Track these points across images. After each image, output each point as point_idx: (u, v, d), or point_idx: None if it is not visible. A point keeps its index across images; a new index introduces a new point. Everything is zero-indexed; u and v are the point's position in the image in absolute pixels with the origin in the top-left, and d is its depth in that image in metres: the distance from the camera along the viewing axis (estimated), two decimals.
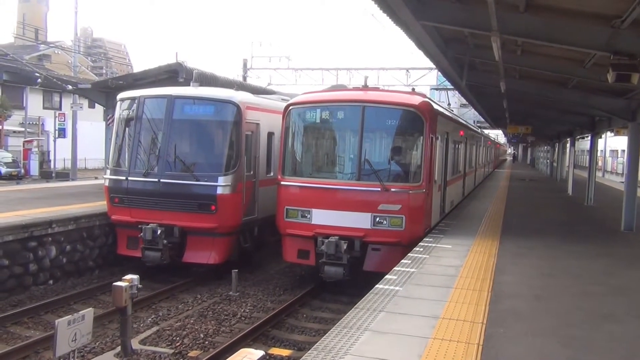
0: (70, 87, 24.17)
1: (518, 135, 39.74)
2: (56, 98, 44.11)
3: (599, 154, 43.84)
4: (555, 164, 37.62)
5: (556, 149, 36.71)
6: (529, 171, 50.96)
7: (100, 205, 13.48)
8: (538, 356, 5.37)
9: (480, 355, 5.27)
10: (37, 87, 33.38)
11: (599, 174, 40.65)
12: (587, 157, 26.43)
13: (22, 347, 8.39)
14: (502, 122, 32.26)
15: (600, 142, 44.15)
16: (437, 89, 41.06)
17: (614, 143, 46.22)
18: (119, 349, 8.39)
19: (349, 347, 5.34)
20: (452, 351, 5.33)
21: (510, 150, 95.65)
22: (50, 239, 11.57)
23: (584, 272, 9.13)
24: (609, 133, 36.89)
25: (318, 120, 11.67)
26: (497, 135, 64.36)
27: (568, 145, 30.43)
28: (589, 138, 22.23)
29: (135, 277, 8.25)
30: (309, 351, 5.28)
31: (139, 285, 8.34)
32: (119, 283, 8.12)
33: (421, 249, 10.07)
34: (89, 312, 7.30)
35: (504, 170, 51.73)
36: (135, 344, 8.60)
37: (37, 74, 29.85)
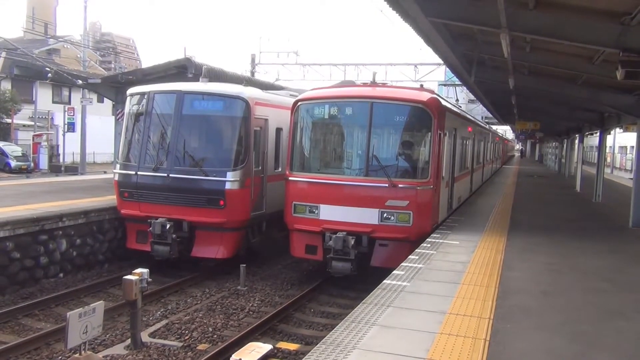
0: (80, 81, 24.27)
1: (526, 131, 39.57)
2: (65, 92, 44.37)
3: (607, 150, 43.62)
4: (563, 161, 37.46)
5: (565, 145, 36.55)
6: (537, 167, 50.75)
7: (109, 199, 13.59)
8: (545, 351, 5.40)
9: (487, 350, 5.32)
10: (47, 81, 33.55)
11: (607, 170, 40.45)
12: (596, 153, 26.30)
13: (33, 338, 8.51)
14: (511, 118, 32.16)
15: (609, 139, 43.88)
16: (445, 85, 40.86)
17: (622, 139, 45.96)
18: (129, 341, 8.51)
19: (357, 341, 5.40)
20: (459, 346, 5.38)
21: (518, 146, 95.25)
22: (60, 232, 11.69)
23: (592, 269, 9.14)
24: (618, 129, 36.66)
25: (326, 116, 11.70)
26: (505, 131, 64.16)
27: (576, 141, 30.30)
28: (598, 134, 22.14)
29: (145, 270, 8.35)
30: (317, 345, 5.33)
31: (149, 279, 8.44)
32: (129, 276, 8.22)
33: (429, 245, 10.11)
34: (99, 305, 7.38)
35: (512, 166, 51.56)
36: (144, 336, 8.71)
37: (47, 69, 29.99)
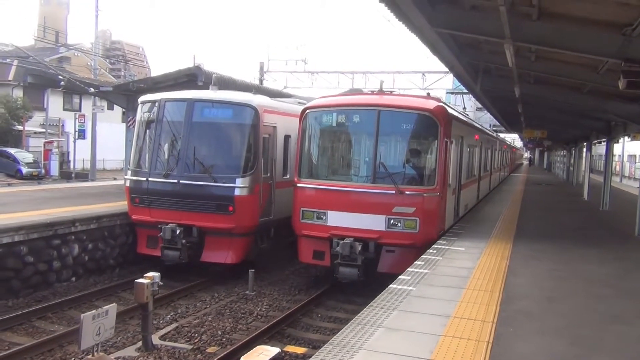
0: (92, 89, 24.61)
1: (534, 140, 39.55)
2: (76, 100, 44.83)
3: (616, 158, 43.43)
4: (571, 169, 37.41)
5: (572, 154, 36.52)
6: (545, 175, 50.66)
7: (120, 205, 13.82)
8: (546, 354, 5.53)
9: (489, 352, 5.45)
10: (59, 89, 34.04)
11: (616, 179, 40.32)
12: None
13: (47, 340, 8.71)
14: (518, 126, 32.17)
15: (619, 147, 43.68)
16: (452, 93, 40.99)
17: (632, 148, 45.76)
18: (139, 343, 8.69)
19: (363, 342, 5.55)
20: (462, 348, 5.52)
21: (526, 155, 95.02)
22: (73, 237, 11.90)
23: (596, 276, 9.23)
24: (627, 138, 36.56)
25: (334, 124, 11.87)
26: (513, 139, 64.05)
27: (584, 149, 30.29)
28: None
29: (157, 274, 8.56)
30: (325, 346, 5.49)
31: (160, 283, 8.62)
32: (141, 280, 8.41)
33: (435, 251, 10.23)
34: (112, 308, 7.55)
35: (520, 174, 51.48)
36: (155, 339, 8.90)
37: (60, 77, 30.44)
